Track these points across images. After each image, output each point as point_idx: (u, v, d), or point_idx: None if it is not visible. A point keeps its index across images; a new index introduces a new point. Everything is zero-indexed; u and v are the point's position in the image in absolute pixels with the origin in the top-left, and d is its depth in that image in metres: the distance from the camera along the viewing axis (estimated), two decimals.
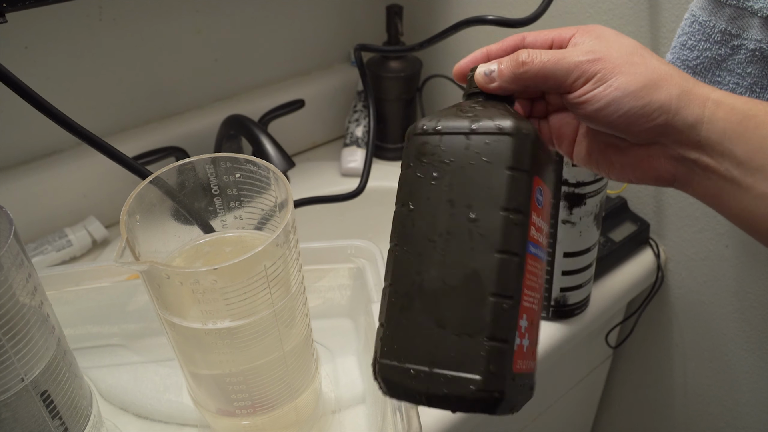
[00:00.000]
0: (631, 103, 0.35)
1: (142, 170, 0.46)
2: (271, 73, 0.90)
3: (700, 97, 0.34)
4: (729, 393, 0.80)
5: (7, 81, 0.39)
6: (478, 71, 0.39)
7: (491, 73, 0.38)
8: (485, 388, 0.32)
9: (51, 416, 0.39)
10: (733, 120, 0.34)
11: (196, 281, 0.37)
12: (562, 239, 0.60)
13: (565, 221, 0.58)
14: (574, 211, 0.58)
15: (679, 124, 0.35)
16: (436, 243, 0.35)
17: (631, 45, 0.37)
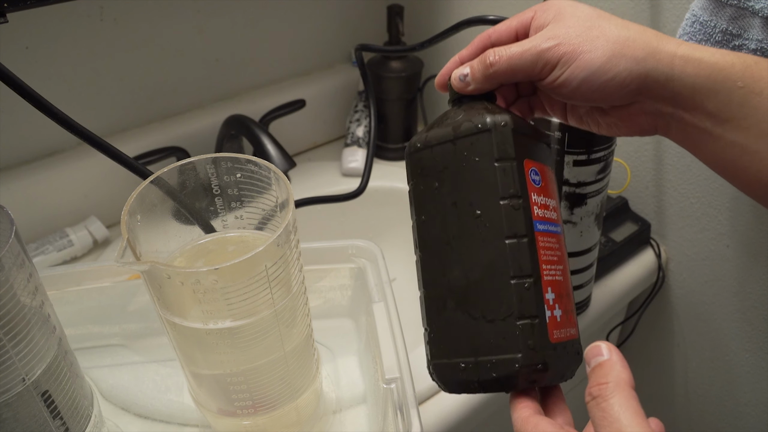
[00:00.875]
0: (600, 78, 0.36)
1: (143, 170, 0.46)
2: (272, 73, 0.90)
3: (667, 55, 0.36)
4: (730, 393, 0.80)
5: (8, 81, 0.40)
6: (453, 77, 0.41)
7: (465, 77, 0.40)
8: (528, 363, 0.34)
9: (52, 416, 0.39)
10: (701, 75, 0.35)
11: (197, 281, 0.37)
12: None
13: (566, 221, 0.57)
14: (575, 211, 0.57)
15: (651, 84, 0.36)
16: (452, 245, 0.37)
17: (588, 16, 0.37)
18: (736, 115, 0.35)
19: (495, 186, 0.36)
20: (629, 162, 0.75)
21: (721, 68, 0.35)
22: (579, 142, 0.51)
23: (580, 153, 0.51)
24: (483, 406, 0.59)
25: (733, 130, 0.36)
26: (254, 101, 0.86)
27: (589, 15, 0.38)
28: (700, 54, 0.36)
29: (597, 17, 0.37)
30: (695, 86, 0.36)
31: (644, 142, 0.73)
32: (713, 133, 0.36)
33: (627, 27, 0.37)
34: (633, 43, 0.36)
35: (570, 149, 0.51)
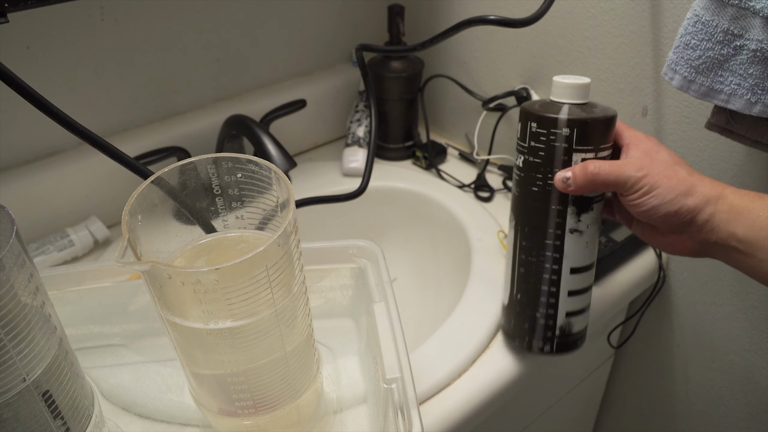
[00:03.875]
0: (667, 208, 0.48)
1: (144, 170, 0.46)
2: (273, 73, 0.90)
3: (712, 200, 0.48)
4: (730, 393, 0.80)
5: (8, 81, 0.40)
6: (557, 176, 0.50)
7: (567, 180, 0.50)
8: None
9: (53, 416, 0.39)
10: (732, 212, 0.47)
11: (198, 281, 0.37)
12: (569, 252, 0.53)
13: (573, 230, 0.53)
14: (582, 218, 0.53)
15: (699, 221, 0.48)
16: None
17: (669, 159, 0.50)
18: (759, 236, 0.45)
19: None
20: None
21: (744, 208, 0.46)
22: (587, 139, 0.50)
23: (588, 151, 0.51)
24: (484, 406, 0.59)
25: (759, 250, 0.46)
26: (255, 101, 0.86)
27: (669, 158, 0.50)
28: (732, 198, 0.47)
29: (673, 163, 0.49)
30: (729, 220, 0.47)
31: None
32: (746, 252, 0.46)
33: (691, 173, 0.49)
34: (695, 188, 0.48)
35: (578, 146, 0.50)
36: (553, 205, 0.52)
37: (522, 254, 0.55)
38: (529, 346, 0.57)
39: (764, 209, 0.46)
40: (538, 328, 0.56)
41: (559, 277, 0.54)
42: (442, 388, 0.59)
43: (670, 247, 0.52)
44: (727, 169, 0.67)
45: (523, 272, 0.55)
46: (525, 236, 0.54)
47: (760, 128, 0.56)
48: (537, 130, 0.51)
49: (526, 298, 0.56)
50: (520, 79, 0.84)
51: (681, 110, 0.68)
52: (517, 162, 0.54)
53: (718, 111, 0.58)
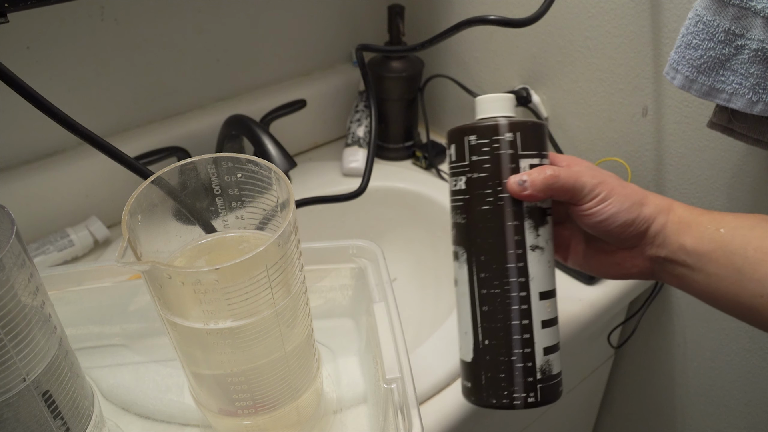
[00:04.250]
0: (625, 216, 0.47)
1: (144, 170, 0.46)
2: (273, 73, 0.90)
3: (664, 210, 0.48)
4: (731, 393, 0.80)
5: (8, 81, 0.40)
6: (511, 180, 0.46)
7: (524, 183, 0.46)
8: None
9: (53, 416, 0.39)
10: (681, 224, 0.47)
11: (198, 281, 0.37)
12: (535, 274, 0.47)
13: (534, 247, 0.47)
14: (540, 232, 0.48)
15: (652, 232, 0.48)
16: None
17: (614, 175, 0.49)
18: (707, 248, 0.45)
19: None
20: (629, 162, 0.75)
21: (692, 220, 0.47)
22: (532, 143, 0.47)
23: (534, 156, 0.47)
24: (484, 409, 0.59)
25: (708, 263, 0.45)
26: (255, 101, 0.86)
27: (614, 175, 0.49)
28: (680, 211, 0.47)
29: (618, 178, 0.49)
30: (678, 231, 0.47)
31: (645, 143, 0.73)
32: (694, 267, 0.46)
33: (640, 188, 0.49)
34: (647, 197, 0.48)
35: (524, 152, 0.47)
36: (508, 221, 0.47)
37: (482, 289, 0.47)
38: (510, 402, 0.47)
39: (712, 223, 0.46)
40: (517, 374, 0.47)
41: (529, 306, 0.47)
42: (442, 388, 0.59)
43: (618, 267, 0.50)
44: (726, 169, 0.67)
45: (488, 310, 0.47)
46: (482, 266, 0.47)
47: (761, 127, 0.56)
48: (477, 142, 0.47)
49: (497, 340, 0.47)
50: (520, 79, 0.84)
51: (681, 110, 0.68)
52: (456, 186, 0.49)
53: (719, 110, 0.58)
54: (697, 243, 0.46)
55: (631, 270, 0.50)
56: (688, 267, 0.47)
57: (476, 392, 0.49)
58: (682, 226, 0.47)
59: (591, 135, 0.78)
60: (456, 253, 0.49)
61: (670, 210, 0.48)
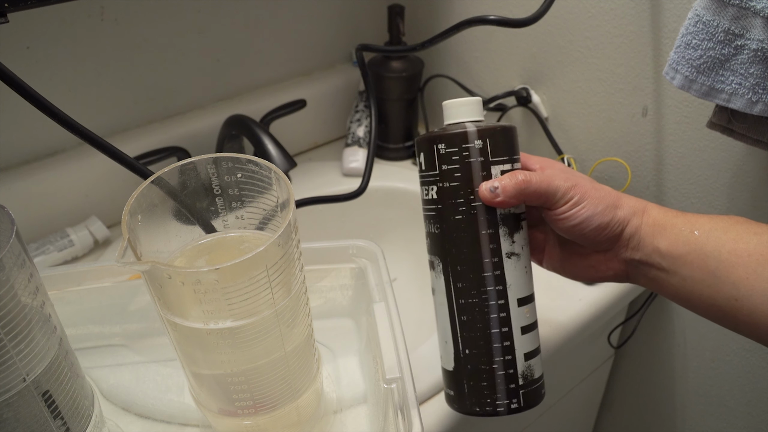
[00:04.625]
0: (600, 219, 0.46)
1: (144, 170, 0.46)
2: (273, 73, 0.90)
3: (638, 212, 0.47)
4: (730, 393, 0.80)
5: (8, 81, 0.40)
6: (483, 187, 0.46)
7: (495, 189, 0.45)
8: None
9: (53, 416, 0.39)
10: (656, 227, 0.46)
11: (198, 281, 0.37)
12: (512, 281, 0.47)
13: (510, 254, 0.47)
14: (515, 239, 0.47)
15: (626, 234, 0.47)
16: None
17: (588, 178, 0.49)
18: (682, 251, 0.45)
19: None
20: (629, 162, 0.75)
21: (668, 223, 0.46)
22: (501, 149, 0.47)
23: (504, 162, 0.47)
24: None
25: (682, 266, 0.45)
26: (255, 101, 0.86)
27: (588, 177, 0.48)
28: (655, 213, 0.47)
29: (592, 180, 0.48)
30: (653, 234, 0.46)
31: (645, 143, 0.73)
32: (669, 270, 0.46)
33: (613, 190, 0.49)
34: (621, 200, 0.47)
35: (495, 158, 0.46)
36: (483, 229, 0.46)
37: (460, 299, 0.47)
38: (493, 409, 0.48)
39: (686, 225, 0.46)
40: (499, 381, 0.47)
41: (508, 313, 0.47)
42: (442, 388, 0.59)
43: (592, 270, 0.50)
44: (726, 169, 0.67)
45: (467, 320, 0.47)
46: (459, 276, 0.47)
47: (761, 127, 0.56)
48: (447, 151, 0.46)
49: (477, 349, 0.47)
50: (520, 79, 0.84)
51: (681, 110, 0.68)
52: (428, 195, 0.48)
53: (719, 110, 0.58)
54: (671, 246, 0.45)
55: (606, 273, 0.50)
56: (663, 270, 0.46)
57: (459, 400, 0.49)
58: (657, 229, 0.46)
59: (591, 135, 0.78)
60: (432, 263, 0.49)
61: (645, 212, 0.47)
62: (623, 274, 0.49)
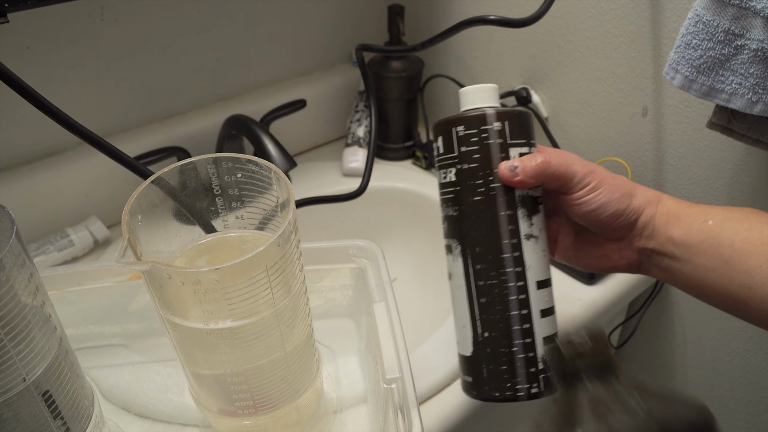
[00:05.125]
0: (616, 206, 0.46)
1: (144, 170, 0.46)
2: (273, 73, 0.90)
3: (653, 202, 0.48)
4: (730, 393, 0.80)
5: (8, 81, 0.40)
6: (502, 166, 0.46)
7: (515, 169, 0.45)
8: None
9: (53, 416, 0.39)
10: (670, 216, 0.47)
11: (198, 281, 0.37)
12: (531, 263, 0.47)
13: (528, 236, 0.47)
14: (533, 221, 0.47)
15: (641, 223, 0.48)
16: None
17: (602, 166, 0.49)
18: (695, 240, 0.45)
19: None
20: (629, 162, 0.75)
21: (681, 213, 0.47)
22: (520, 132, 0.47)
23: (522, 145, 0.47)
24: (484, 407, 0.59)
25: (695, 254, 0.45)
26: (255, 101, 0.86)
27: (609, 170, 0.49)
28: (669, 203, 0.48)
29: (617, 175, 0.48)
30: (667, 223, 0.47)
31: (645, 143, 0.73)
32: (682, 258, 0.46)
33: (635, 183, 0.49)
34: (636, 189, 0.48)
35: (513, 140, 0.46)
36: (501, 210, 0.46)
37: (479, 280, 0.47)
38: (513, 394, 0.46)
39: (700, 215, 0.46)
40: (519, 365, 0.46)
41: (527, 295, 0.46)
42: (442, 388, 0.59)
43: (605, 259, 0.50)
44: (726, 168, 0.67)
45: (486, 302, 0.47)
46: (478, 258, 0.47)
47: (761, 127, 0.56)
48: (466, 133, 0.47)
49: (496, 332, 0.46)
50: (520, 79, 0.84)
51: (681, 110, 0.68)
52: (446, 179, 0.48)
53: (719, 110, 0.58)
54: (685, 234, 0.46)
55: (619, 262, 0.50)
56: (676, 259, 0.47)
57: (478, 387, 0.48)
58: (671, 218, 0.47)
59: (591, 135, 0.78)
60: (449, 246, 0.49)
61: (659, 202, 0.48)
62: (635, 264, 0.50)
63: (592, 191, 0.46)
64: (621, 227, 0.48)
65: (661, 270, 0.48)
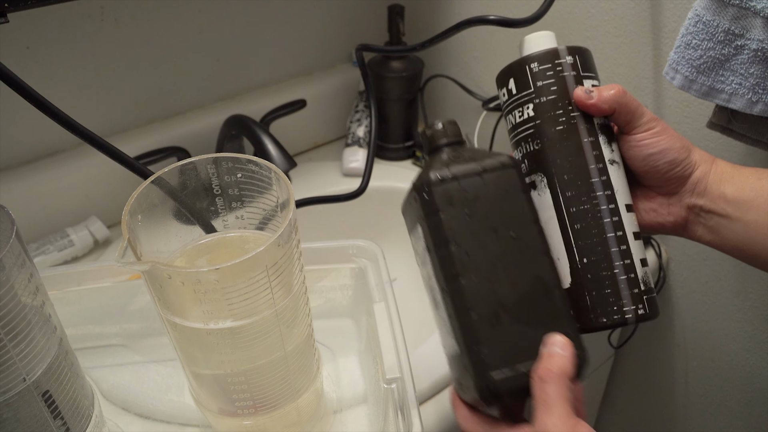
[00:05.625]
0: (675, 154, 0.47)
1: (144, 170, 0.46)
2: (273, 73, 0.90)
3: (708, 161, 0.48)
4: (730, 393, 0.80)
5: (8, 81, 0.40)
6: (578, 90, 0.47)
7: (591, 92, 0.46)
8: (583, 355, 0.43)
9: (53, 416, 0.39)
10: (724, 175, 0.48)
11: (198, 281, 0.37)
12: (618, 187, 0.47)
13: (612, 161, 0.48)
14: (614, 148, 0.48)
15: (695, 178, 0.48)
16: (497, 265, 0.43)
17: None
18: (749, 196, 0.46)
19: (527, 212, 0.44)
20: None
21: (735, 172, 0.47)
22: (589, 66, 0.49)
23: (593, 78, 0.49)
24: None
25: (749, 210, 0.46)
26: (255, 101, 0.86)
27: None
28: (722, 165, 0.48)
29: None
30: (720, 180, 0.47)
31: None
32: (733, 216, 0.46)
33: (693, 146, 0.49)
34: (693, 147, 0.48)
35: (585, 73, 0.48)
36: (584, 138, 0.47)
37: (571, 207, 0.47)
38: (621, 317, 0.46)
39: (754, 174, 0.47)
40: (623, 287, 0.46)
41: (620, 218, 0.47)
42: (442, 388, 0.59)
43: (653, 213, 0.50)
44: None
45: (581, 228, 0.46)
46: (567, 185, 0.47)
47: (760, 127, 0.56)
48: (540, 68, 0.48)
49: (596, 256, 0.46)
50: None
51: (681, 110, 0.68)
52: (522, 116, 0.49)
53: (719, 110, 0.58)
54: (738, 191, 0.46)
55: (667, 218, 0.50)
56: (727, 217, 0.47)
57: (583, 316, 0.46)
58: (725, 176, 0.47)
59: None
60: (533, 183, 0.49)
61: (714, 161, 0.49)
62: (682, 223, 0.50)
63: (656, 135, 0.47)
64: (676, 178, 0.48)
65: (708, 229, 0.48)
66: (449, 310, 0.43)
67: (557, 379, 0.39)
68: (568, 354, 0.40)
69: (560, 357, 0.40)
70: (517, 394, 0.41)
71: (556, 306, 0.43)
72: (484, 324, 0.42)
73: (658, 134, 0.47)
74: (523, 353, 0.41)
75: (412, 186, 0.45)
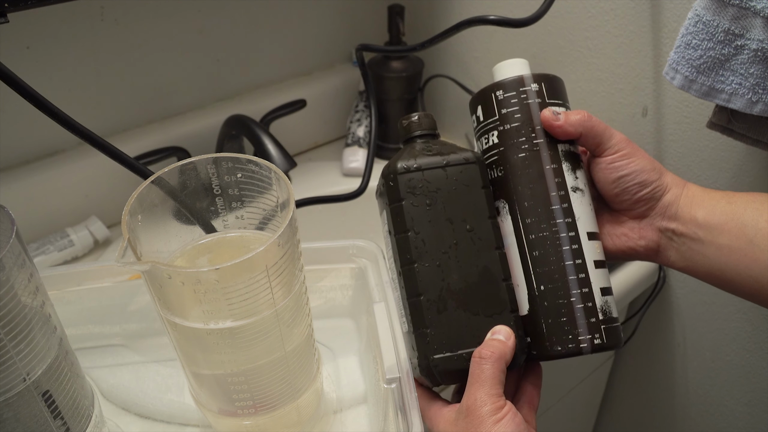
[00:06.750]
0: (645, 176, 0.47)
1: (144, 170, 0.46)
2: (273, 73, 0.90)
3: (679, 184, 0.49)
4: (730, 393, 0.80)
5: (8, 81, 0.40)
6: (545, 111, 0.47)
7: (558, 114, 0.47)
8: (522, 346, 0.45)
9: (53, 416, 0.39)
10: (695, 198, 0.48)
11: (198, 281, 0.37)
12: (580, 214, 0.47)
13: (574, 188, 0.47)
14: (578, 174, 0.48)
15: (665, 201, 0.48)
16: (449, 254, 0.45)
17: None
18: (720, 220, 0.46)
19: (484, 207, 0.46)
20: None
21: (706, 196, 0.48)
22: (556, 93, 0.49)
23: (560, 105, 0.48)
24: None
25: (720, 234, 0.46)
26: (255, 101, 0.86)
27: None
28: (693, 189, 0.48)
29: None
30: (691, 204, 0.47)
31: (645, 143, 0.73)
32: (704, 240, 0.46)
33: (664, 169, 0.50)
34: (663, 169, 0.49)
35: (551, 100, 0.48)
36: (546, 165, 0.47)
37: (530, 234, 0.47)
38: (576, 346, 0.45)
39: (724, 197, 0.47)
40: (579, 315, 0.45)
41: (580, 245, 0.46)
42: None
43: (624, 238, 0.50)
44: (726, 169, 0.67)
45: (539, 255, 0.46)
46: (527, 212, 0.47)
47: (760, 127, 0.56)
48: (505, 96, 0.48)
49: (553, 283, 0.46)
50: None
51: (681, 110, 0.68)
52: (488, 143, 0.49)
53: (719, 110, 0.58)
54: (708, 215, 0.46)
55: (638, 243, 0.49)
56: (698, 240, 0.46)
57: (538, 344, 0.46)
58: (695, 200, 0.47)
59: None
60: (497, 209, 0.49)
61: (685, 185, 0.49)
62: (654, 247, 0.49)
63: (626, 157, 0.47)
64: (646, 200, 0.48)
65: (680, 254, 0.48)
66: (402, 292, 0.46)
67: (495, 361, 0.41)
68: (510, 343, 0.43)
69: (501, 343, 0.43)
70: (456, 376, 0.44)
71: (501, 297, 0.45)
72: (432, 309, 0.44)
73: (627, 156, 0.47)
74: (466, 339, 0.44)
75: (381, 172, 0.48)
